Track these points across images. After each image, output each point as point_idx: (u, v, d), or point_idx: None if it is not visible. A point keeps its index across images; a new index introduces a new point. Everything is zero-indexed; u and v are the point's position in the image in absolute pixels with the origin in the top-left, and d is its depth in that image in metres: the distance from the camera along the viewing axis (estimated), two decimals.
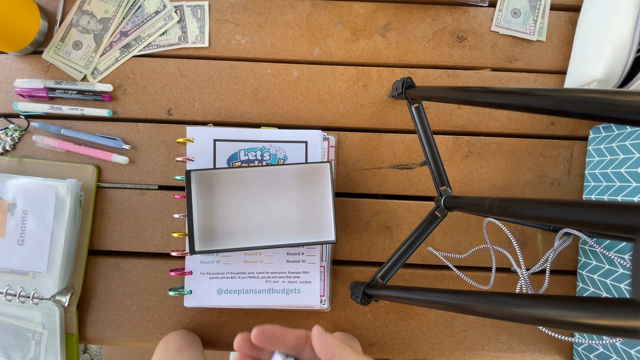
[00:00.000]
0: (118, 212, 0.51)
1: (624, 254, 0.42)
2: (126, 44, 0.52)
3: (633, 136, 0.44)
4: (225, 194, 0.47)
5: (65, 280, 0.48)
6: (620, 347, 0.43)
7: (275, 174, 0.47)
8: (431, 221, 0.42)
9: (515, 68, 0.54)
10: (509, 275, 0.52)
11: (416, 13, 0.54)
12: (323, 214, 0.47)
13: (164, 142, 0.51)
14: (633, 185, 0.43)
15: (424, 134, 0.44)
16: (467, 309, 0.27)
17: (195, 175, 0.45)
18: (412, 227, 0.52)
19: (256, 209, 0.47)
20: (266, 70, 0.52)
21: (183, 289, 0.48)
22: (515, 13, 0.53)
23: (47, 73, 0.52)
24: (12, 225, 0.46)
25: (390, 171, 0.52)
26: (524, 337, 0.51)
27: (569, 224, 0.22)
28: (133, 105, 0.52)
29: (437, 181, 0.43)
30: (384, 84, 0.53)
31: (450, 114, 0.53)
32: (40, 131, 0.51)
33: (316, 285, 0.49)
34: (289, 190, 0.47)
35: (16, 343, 0.47)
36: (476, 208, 0.34)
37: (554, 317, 0.20)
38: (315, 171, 0.47)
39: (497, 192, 0.52)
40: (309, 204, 0.47)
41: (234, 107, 0.52)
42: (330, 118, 0.53)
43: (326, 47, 0.53)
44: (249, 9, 0.53)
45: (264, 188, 0.47)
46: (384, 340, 0.52)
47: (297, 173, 0.47)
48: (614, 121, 0.23)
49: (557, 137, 0.53)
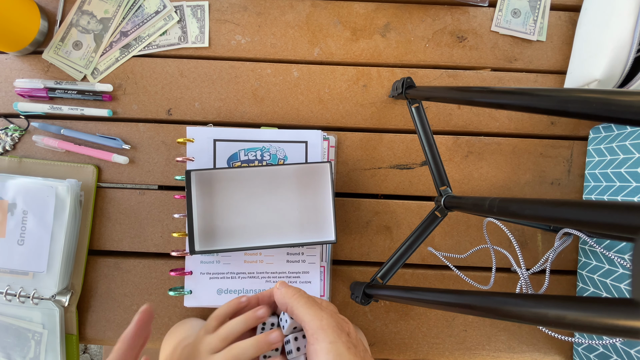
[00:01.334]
0: (118, 212, 0.51)
1: (624, 254, 0.42)
2: (126, 44, 0.52)
3: (633, 136, 0.44)
4: (225, 194, 0.47)
5: (65, 280, 0.48)
6: (620, 347, 0.43)
7: (275, 174, 0.47)
8: (431, 221, 0.42)
9: (515, 68, 0.54)
10: (509, 275, 0.52)
11: (416, 13, 0.54)
12: (323, 214, 0.47)
13: (164, 142, 0.51)
14: (633, 185, 0.43)
15: (424, 134, 0.44)
16: (467, 309, 0.27)
17: (195, 175, 0.45)
18: (412, 227, 0.52)
19: (256, 209, 0.47)
20: (266, 70, 0.52)
21: (183, 289, 0.48)
22: (515, 13, 0.53)
23: (47, 73, 0.52)
24: (12, 225, 0.46)
25: (390, 171, 0.52)
26: (524, 337, 0.51)
27: (569, 224, 0.22)
28: (133, 105, 0.52)
29: (437, 181, 0.43)
30: (384, 84, 0.53)
31: (450, 114, 0.53)
32: (40, 131, 0.51)
33: (316, 285, 0.49)
34: (289, 190, 0.47)
35: (16, 343, 0.47)
36: (476, 208, 0.34)
37: (554, 317, 0.20)
38: (315, 171, 0.47)
39: (497, 192, 0.52)
40: (309, 204, 0.47)
41: (234, 107, 0.52)
42: (330, 118, 0.53)
43: (326, 47, 0.53)
44: (249, 9, 0.53)
45: (264, 188, 0.47)
46: (384, 340, 0.52)
47: (297, 173, 0.47)
48: (614, 121, 0.23)
49: (557, 137, 0.53)
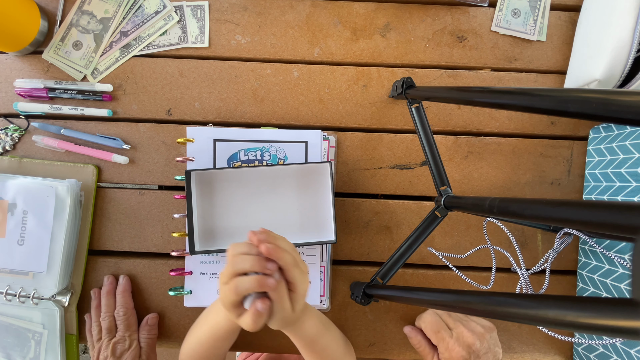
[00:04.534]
0: (118, 212, 0.51)
1: (624, 254, 0.42)
2: (126, 44, 0.52)
3: (633, 136, 0.44)
4: (225, 194, 0.47)
5: (65, 280, 0.48)
6: (620, 347, 0.43)
7: (275, 174, 0.47)
8: (431, 221, 0.42)
9: (515, 68, 0.54)
10: (509, 275, 0.52)
11: (416, 13, 0.54)
12: (323, 214, 0.47)
13: (164, 142, 0.51)
14: (633, 185, 0.43)
15: (424, 134, 0.44)
16: (467, 309, 0.27)
17: (195, 175, 0.45)
18: (412, 227, 0.52)
19: (256, 209, 0.47)
20: (266, 70, 0.52)
21: (183, 289, 0.48)
22: (515, 13, 0.53)
23: (47, 73, 0.52)
24: (12, 225, 0.46)
25: (390, 171, 0.52)
26: (524, 337, 0.51)
27: (569, 224, 0.22)
28: (133, 105, 0.52)
29: (437, 181, 0.43)
30: (384, 84, 0.53)
31: (450, 114, 0.53)
32: (40, 131, 0.51)
33: (316, 285, 0.49)
34: (289, 190, 0.47)
35: (16, 343, 0.47)
36: (476, 208, 0.34)
37: (554, 317, 0.20)
38: (315, 171, 0.47)
39: (497, 192, 0.52)
40: (309, 204, 0.47)
41: (234, 107, 0.52)
42: (330, 118, 0.53)
43: (326, 47, 0.53)
44: (249, 9, 0.53)
45: (264, 188, 0.47)
46: (384, 340, 0.52)
47: (297, 173, 0.47)
48: (614, 121, 0.23)
49: (557, 137, 0.53)
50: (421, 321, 0.48)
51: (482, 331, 0.44)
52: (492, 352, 0.45)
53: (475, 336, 0.44)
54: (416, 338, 0.49)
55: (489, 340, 0.45)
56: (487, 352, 0.44)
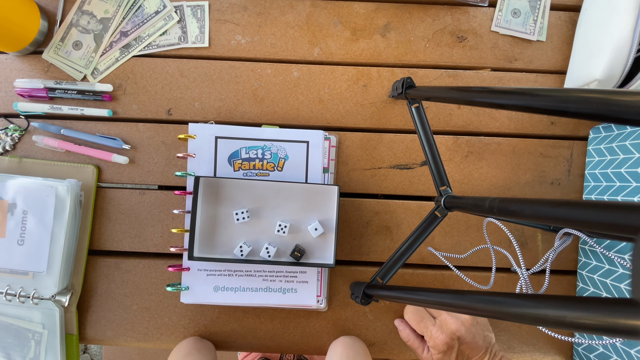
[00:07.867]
0: (118, 212, 0.51)
1: (624, 254, 0.42)
2: (126, 44, 0.52)
3: (633, 136, 0.44)
4: (229, 203, 0.47)
5: (65, 280, 0.48)
6: (620, 347, 0.43)
7: (282, 189, 0.47)
8: (431, 221, 0.42)
9: (515, 68, 0.54)
10: (509, 275, 0.52)
11: (416, 13, 0.54)
12: (324, 237, 0.47)
13: (164, 142, 0.51)
14: (633, 185, 0.43)
15: (424, 134, 0.44)
16: (467, 309, 0.27)
17: (203, 181, 0.45)
18: (412, 227, 0.52)
19: (258, 222, 0.47)
20: (266, 70, 0.52)
21: (180, 285, 0.48)
22: (515, 13, 0.53)
23: (47, 73, 0.52)
24: (12, 225, 0.46)
25: (390, 171, 0.52)
26: (524, 337, 0.52)
27: (569, 224, 0.22)
28: (133, 105, 0.52)
29: (437, 181, 0.43)
30: (384, 84, 0.53)
31: (450, 114, 0.53)
32: (40, 131, 0.51)
33: (313, 285, 0.49)
34: (294, 207, 0.47)
35: (16, 343, 0.47)
36: (476, 208, 0.34)
37: (554, 317, 0.20)
38: (322, 192, 0.47)
39: (497, 192, 0.52)
40: (312, 224, 0.47)
41: (234, 107, 0.52)
42: (330, 118, 0.53)
43: (326, 47, 0.53)
44: (249, 9, 0.53)
45: (269, 202, 0.47)
46: (384, 340, 0.52)
47: (304, 192, 0.47)
48: (614, 121, 0.23)
49: (557, 137, 0.53)
50: (405, 313, 0.48)
51: (468, 317, 0.44)
52: (482, 337, 0.44)
53: (459, 322, 0.43)
54: (405, 331, 0.48)
55: (475, 326, 0.44)
56: (474, 337, 0.44)
